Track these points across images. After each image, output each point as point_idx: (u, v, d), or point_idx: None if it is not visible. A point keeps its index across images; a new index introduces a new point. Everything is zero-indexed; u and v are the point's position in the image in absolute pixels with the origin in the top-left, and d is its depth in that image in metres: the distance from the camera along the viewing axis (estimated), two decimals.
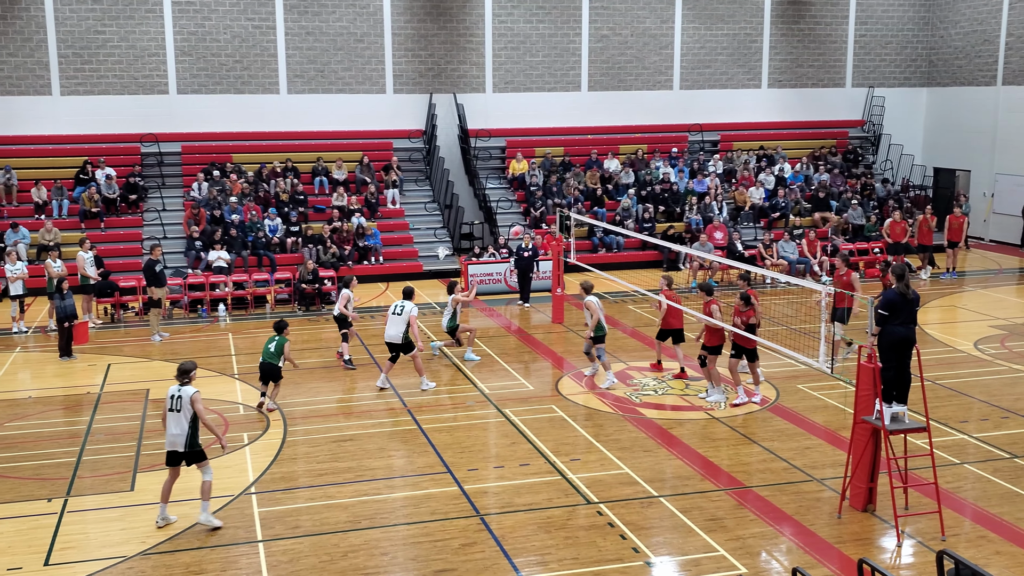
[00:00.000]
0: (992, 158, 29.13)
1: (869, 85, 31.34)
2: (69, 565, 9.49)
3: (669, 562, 9.45)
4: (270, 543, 9.87)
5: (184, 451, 10.15)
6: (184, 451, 10.15)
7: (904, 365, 10.42)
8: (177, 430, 10.10)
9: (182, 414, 10.07)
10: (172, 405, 10.13)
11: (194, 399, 10.06)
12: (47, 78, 25.58)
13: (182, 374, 10.23)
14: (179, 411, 10.08)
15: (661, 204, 26.76)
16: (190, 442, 10.12)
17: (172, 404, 10.14)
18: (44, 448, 12.80)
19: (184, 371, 10.24)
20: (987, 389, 14.88)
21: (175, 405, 10.11)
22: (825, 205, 27.27)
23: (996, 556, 9.47)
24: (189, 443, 10.12)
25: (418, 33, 27.80)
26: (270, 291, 21.60)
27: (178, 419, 10.09)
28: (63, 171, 25.06)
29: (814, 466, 11.78)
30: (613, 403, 14.33)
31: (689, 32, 29.78)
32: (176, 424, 10.10)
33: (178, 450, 10.17)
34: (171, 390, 10.23)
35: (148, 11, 25.96)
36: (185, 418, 10.07)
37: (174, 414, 10.10)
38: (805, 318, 18.75)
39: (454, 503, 10.79)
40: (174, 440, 10.13)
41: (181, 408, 10.07)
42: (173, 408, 10.11)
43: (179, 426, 10.09)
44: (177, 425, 10.09)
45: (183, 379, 10.21)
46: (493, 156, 28.48)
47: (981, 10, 29.39)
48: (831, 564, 9.32)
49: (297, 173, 26.14)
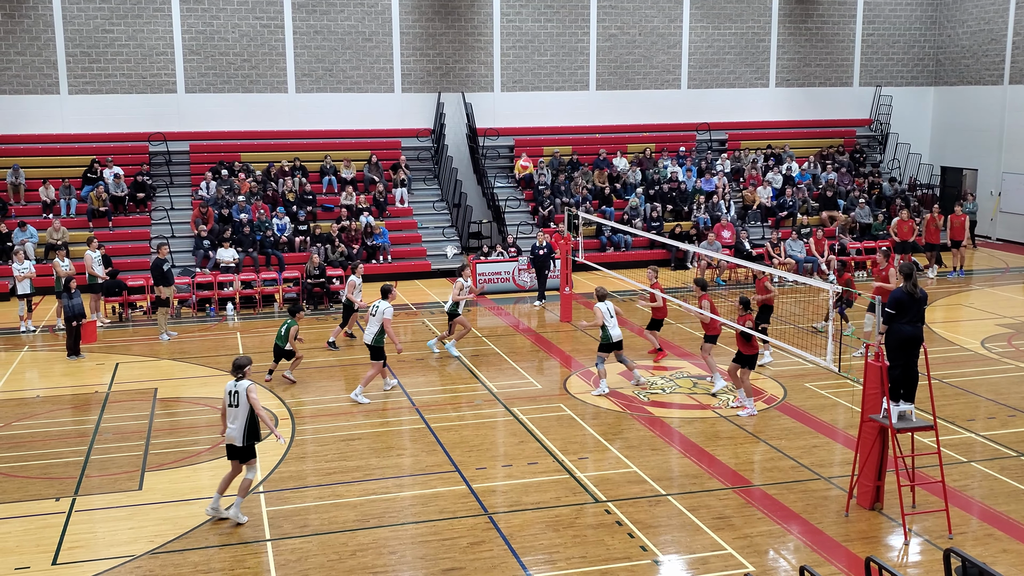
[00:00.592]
0: (999, 157, 29.05)
1: (876, 84, 31.27)
2: (77, 564, 9.52)
3: (677, 560, 9.46)
4: (278, 542, 9.91)
5: (241, 445, 10.31)
6: (241, 445, 10.31)
7: (911, 363, 10.41)
8: (234, 425, 10.27)
9: (240, 408, 10.24)
10: (231, 401, 10.32)
11: (250, 391, 10.23)
12: (55, 77, 25.68)
13: (237, 369, 10.40)
14: (237, 406, 10.26)
15: (669, 203, 26.75)
16: (248, 436, 10.29)
17: (231, 400, 10.32)
18: (52, 447, 12.86)
19: (239, 366, 10.40)
20: (994, 387, 14.85)
21: (233, 400, 10.30)
22: (832, 204, 27.23)
23: (1003, 554, 9.45)
24: (247, 437, 10.29)
25: (426, 32, 27.83)
26: (278, 290, 21.65)
27: (236, 414, 10.26)
28: (71, 170, 25.16)
29: (821, 464, 11.78)
30: (621, 402, 14.34)
31: (697, 31, 29.75)
32: (234, 419, 10.27)
33: (235, 444, 10.33)
34: (228, 386, 10.38)
35: (156, 10, 26.04)
36: (243, 413, 10.23)
37: (233, 409, 10.29)
38: (813, 317, 18.73)
39: (462, 502, 10.81)
40: (232, 435, 10.31)
41: (239, 403, 10.24)
42: (232, 404, 10.29)
43: (236, 420, 10.25)
44: (235, 420, 10.26)
45: (238, 374, 10.37)
46: (501, 155, 28.50)
47: (988, 9, 29.30)
48: (838, 562, 9.32)
49: (305, 172, 26.19)
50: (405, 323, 19.96)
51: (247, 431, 10.25)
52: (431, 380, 15.69)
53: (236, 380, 10.33)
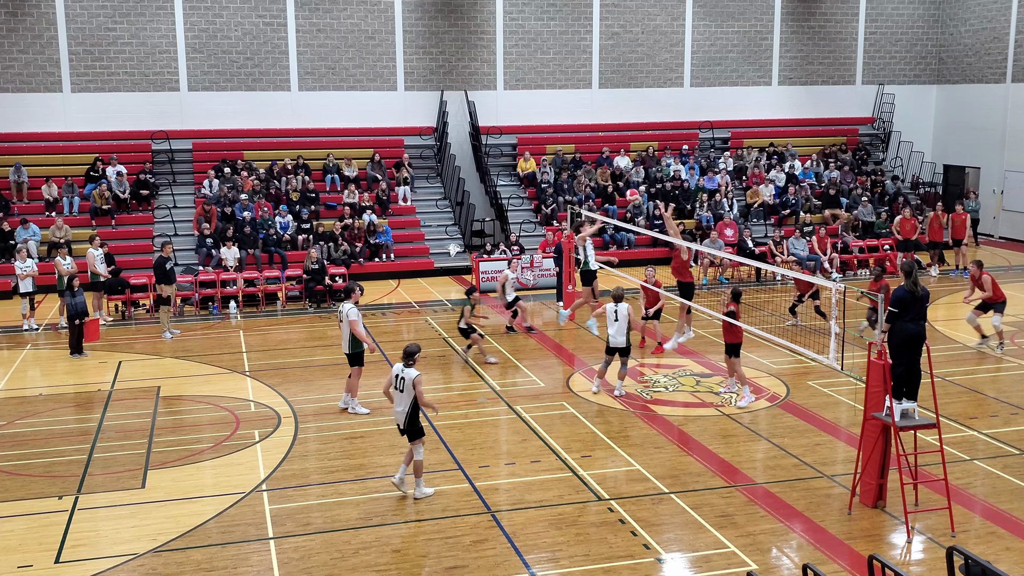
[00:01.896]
0: (1002, 155, 29.01)
1: (879, 82, 31.23)
2: (80, 563, 9.53)
3: (680, 558, 9.46)
4: (281, 540, 9.92)
5: (403, 428, 10.79)
6: (403, 428, 10.79)
7: (914, 361, 10.40)
8: (400, 408, 10.78)
9: (404, 394, 10.68)
10: (396, 384, 10.82)
11: (416, 382, 10.61)
12: (58, 75, 25.71)
13: (407, 356, 10.82)
14: (402, 391, 10.70)
15: (672, 201, 26.72)
16: (409, 420, 10.70)
17: (396, 384, 10.82)
18: (55, 445, 12.88)
19: (409, 354, 10.78)
20: (997, 385, 14.84)
21: (399, 385, 10.77)
22: (835, 202, 27.21)
23: (1006, 552, 9.45)
24: (408, 421, 10.70)
25: (429, 30, 27.83)
26: (281, 288, 21.66)
27: (401, 398, 10.73)
28: (74, 168, 25.19)
29: (824, 462, 11.77)
30: (624, 400, 14.34)
31: (699, 29, 29.72)
32: (399, 402, 10.77)
33: (400, 426, 10.86)
34: (395, 369, 10.86)
35: (159, 8, 26.06)
36: (407, 398, 10.64)
37: (397, 393, 10.78)
38: (815, 315, 18.72)
39: (465, 500, 10.82)
40: (397, 417, 10.87)
41: (404, 389, 10.68)
42: (397, 388, 10.76)
43: (401, 404, 10.74)
44: (400, 403, 10.76)
45: (408, 361, 10.78)
46: (504, 153, 28.50)
47: (990, 7, 29.25)
48: (841, 560, 9.32)
49: (308, 170, 26.20)
50: (408, 321, 19.97)
51: (409, 416, 10.70)
52: (434, 378, 15.69)
53: (404, 366, 10.76)
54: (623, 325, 14.27)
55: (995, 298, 16.65)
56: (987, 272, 16.84)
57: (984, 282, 16.65)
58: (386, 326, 19.49)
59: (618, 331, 14.28)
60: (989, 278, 16.65)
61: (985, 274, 16.72)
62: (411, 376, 10.62)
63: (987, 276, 16.69)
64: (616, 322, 14.27)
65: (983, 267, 16.96)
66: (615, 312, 14.28)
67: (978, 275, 16.79)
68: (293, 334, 18.97)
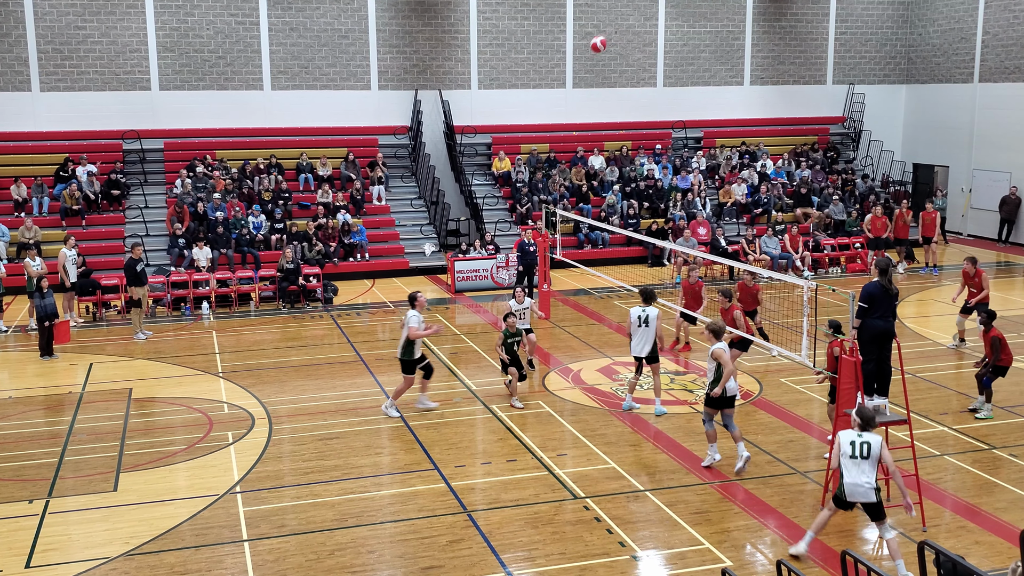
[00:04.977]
0: (970, 154, 29.42)
1: (849, 82, 31.56)
2: (51, 567, 9.42)
3: (655, 556, 9.52)
4: (256, 542, 9.86)
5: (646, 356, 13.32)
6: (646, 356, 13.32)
7: (884, 358, 10.53)
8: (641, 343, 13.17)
9: (650, 329, 13.09)
10: (639, 323, 13.12)
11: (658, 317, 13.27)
12: (26, 74, 25.36)
13: (648, 297, 13.32)
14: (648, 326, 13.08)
15: (646, 200, 26.85)
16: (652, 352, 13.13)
17: (639, 323, 13.11)
18: (25, 449, 12.72)
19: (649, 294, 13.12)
20: (966, 381, 15.04)
21: (643, 323, 13.11)
22: (807, 201, 27.46)
23: (976, 546, 9.59)
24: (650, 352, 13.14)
25: (403, 29, 27.76)
26: (254, 288, 21.52)
27: (646, 334, 13.11)
28: (43, 168, 24.86)
29: (797, 459, 11.89)
30: (599, 398, 14.39)
31: (672, 29, 29.87)
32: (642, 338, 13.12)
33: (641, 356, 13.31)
34: (636, 311, 13.21)
35: (129, 6, 25.78)
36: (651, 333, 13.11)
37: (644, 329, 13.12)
38: (788, 313, 18.88)
39: (441, 500, 10.81)
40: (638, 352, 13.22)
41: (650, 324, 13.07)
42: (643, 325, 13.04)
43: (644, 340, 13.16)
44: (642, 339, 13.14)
45: (649, 301, 13.23)
46: (479, 152, 28.48)
47: (958, 8, 29.65)
48: (814, 556, 9.41)
49: (281, 170, 26.04)
50: (383, 321, 19.92)
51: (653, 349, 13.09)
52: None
53: (644, 306, 13.10)
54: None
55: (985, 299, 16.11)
56: (983, 270, 16.49)
57: (984, 281, 16.15)
58: (361, 326, 19.43)
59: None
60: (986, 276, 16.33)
61: (982, 271, 16.28)
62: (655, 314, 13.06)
63: (984, 274, 16.28)
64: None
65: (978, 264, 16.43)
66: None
67: (973, 272, 16.22)
68: (267, 335, 18.86)
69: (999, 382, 13.48)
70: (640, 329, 13.21)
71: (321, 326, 19.44)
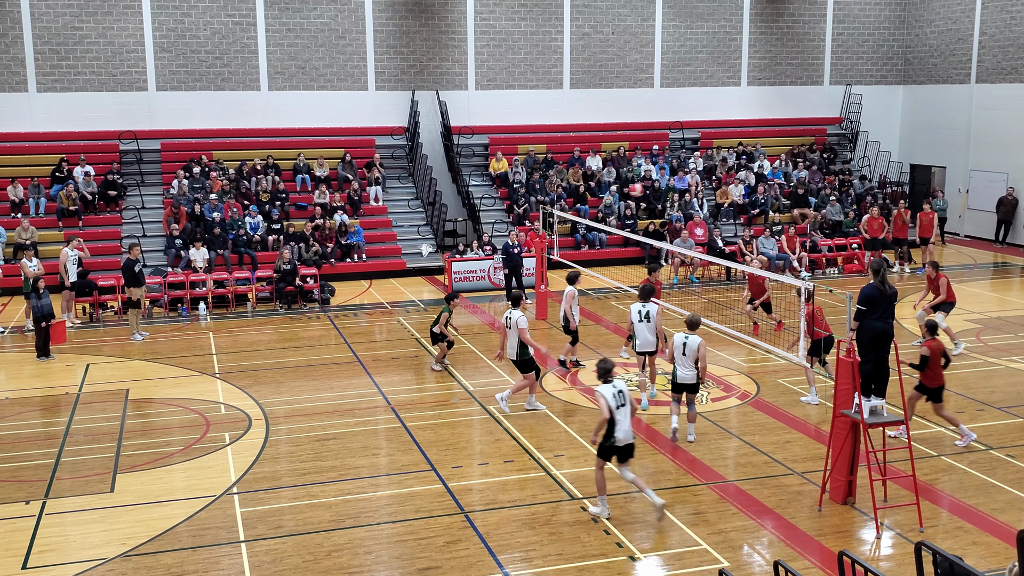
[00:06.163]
0: (967, 154, 29.46)
1: (846, 83, 31.60)
2: (48, 568, 9.41)
3: (652, 557, 9.52)
4: (253, 543, 9.85)
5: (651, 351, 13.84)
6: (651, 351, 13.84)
7: (882, 359, 10.54)
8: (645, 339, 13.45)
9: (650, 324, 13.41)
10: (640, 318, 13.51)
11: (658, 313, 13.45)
12: (23, 75, 25.33)
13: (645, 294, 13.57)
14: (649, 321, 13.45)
15: (643, 201, 26.87)
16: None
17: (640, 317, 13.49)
18: (22, 450, 12.69)
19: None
20: (963, 382, 15.06)
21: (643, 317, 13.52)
22: (804, 201, 27.49)
23: (973, 546, 9.60)
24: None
25: (400, 30, 27.75)
26: (251, 289, 21.50)
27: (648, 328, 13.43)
28: (40, 169, 24.83)
29: (794, 460, 11.89)
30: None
31: (669, 30, 29.89)
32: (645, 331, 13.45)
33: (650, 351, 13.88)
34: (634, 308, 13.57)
35: (126, 7, 25.76)
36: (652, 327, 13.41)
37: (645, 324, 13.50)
38: (785, 313, 18.89)
39: (438, 501, 10.81)
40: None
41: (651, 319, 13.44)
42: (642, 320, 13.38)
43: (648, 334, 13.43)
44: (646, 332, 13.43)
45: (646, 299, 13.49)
46: (476, 153, 28.48)
47: (955, 9, 29.70)
48: (812, 556, 9.42)
49: (278, 170, 26.02)
50: (380, 322, 19.91)
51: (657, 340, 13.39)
52: (406, 379, 15.66)
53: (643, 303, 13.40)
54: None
55: (946, 299, 16.44)
56: (943, 275, 16.76)
57: (940, 285, 16.45)
58: (359, 327, 19.42)
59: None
60: (945, 280, 16.62)
61: (942, 276, 16.57)
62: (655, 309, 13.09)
63: (944, 279, 16.55)
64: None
65: (940, 269, 16.71)
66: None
67: (934, 276, 16.56)
68: (264, 336, 18.85)
69: (982, 384, 13.46)
70: (642, 325, 13.44)
71: (318, 327, 19.43)
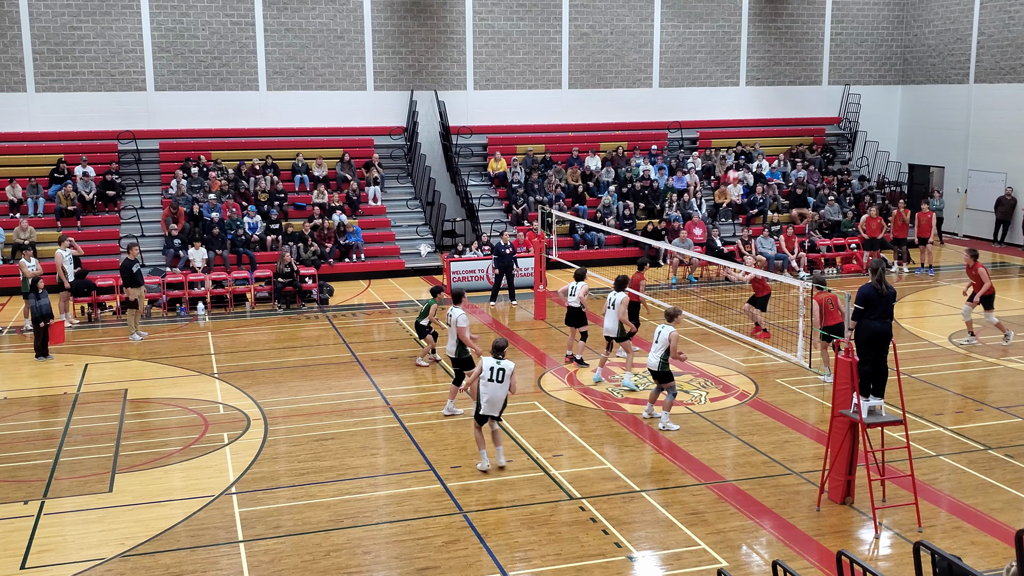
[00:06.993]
0: (965, 154, 29.47)
1: (845, 83, 31.60)
2: (46, 568, 9.40)
3: (651, 556, 9.52)
4: (251, 543, 9.84)
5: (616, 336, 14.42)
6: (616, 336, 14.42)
7: (881, 359, 10.54)
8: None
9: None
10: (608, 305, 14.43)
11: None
12: (21, 75, 25.30)
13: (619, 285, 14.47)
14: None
15: (641, 201, 26.87)
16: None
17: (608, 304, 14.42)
18: (20, 450, 12.68)
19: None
20: (962, 382, 15.07)
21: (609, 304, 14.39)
22: (802, 201, 27.49)
23: (971, 546, 9.60)
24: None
25: (399, 30, 27.74)
26: (250, 289, 21.49)
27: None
28: (38, 169, 24.81)
29: (793, 460, 11.89)
30: (595, 399, 14.39)
31: (668, 30, 29.89)
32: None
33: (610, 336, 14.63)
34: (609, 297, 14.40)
35: (125, 7, 25.74)
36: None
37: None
38: (783, 313, 18.90)
39: (437, 501, 10.81)
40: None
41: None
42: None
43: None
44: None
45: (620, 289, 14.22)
46: (475, 153, 28.47)
47: (953, 9, 29.70)
48: (810, 556, 9.42)
49: (277, 170, 26.01)
50: (379, 322, 19.91)
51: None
52: (405, 379, 15.65)
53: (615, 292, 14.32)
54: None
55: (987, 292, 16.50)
56: (981, 263, 16.62)
57: (980, 274, 16.39)
58: (357, 327, 19.41)
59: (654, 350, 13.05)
60: (984, 270, 16.51)
61: (980, 265, 16.48)
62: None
63: (982, 268, 16.46)
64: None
65: (977, 257, 16.62)
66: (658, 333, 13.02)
67: (972, 264, 16.48)
68: (262, 336, 18.84)
69: (995, 382, 13.48)
70: (609, 311, 14.63)
71: (317, 327, 19.42)
